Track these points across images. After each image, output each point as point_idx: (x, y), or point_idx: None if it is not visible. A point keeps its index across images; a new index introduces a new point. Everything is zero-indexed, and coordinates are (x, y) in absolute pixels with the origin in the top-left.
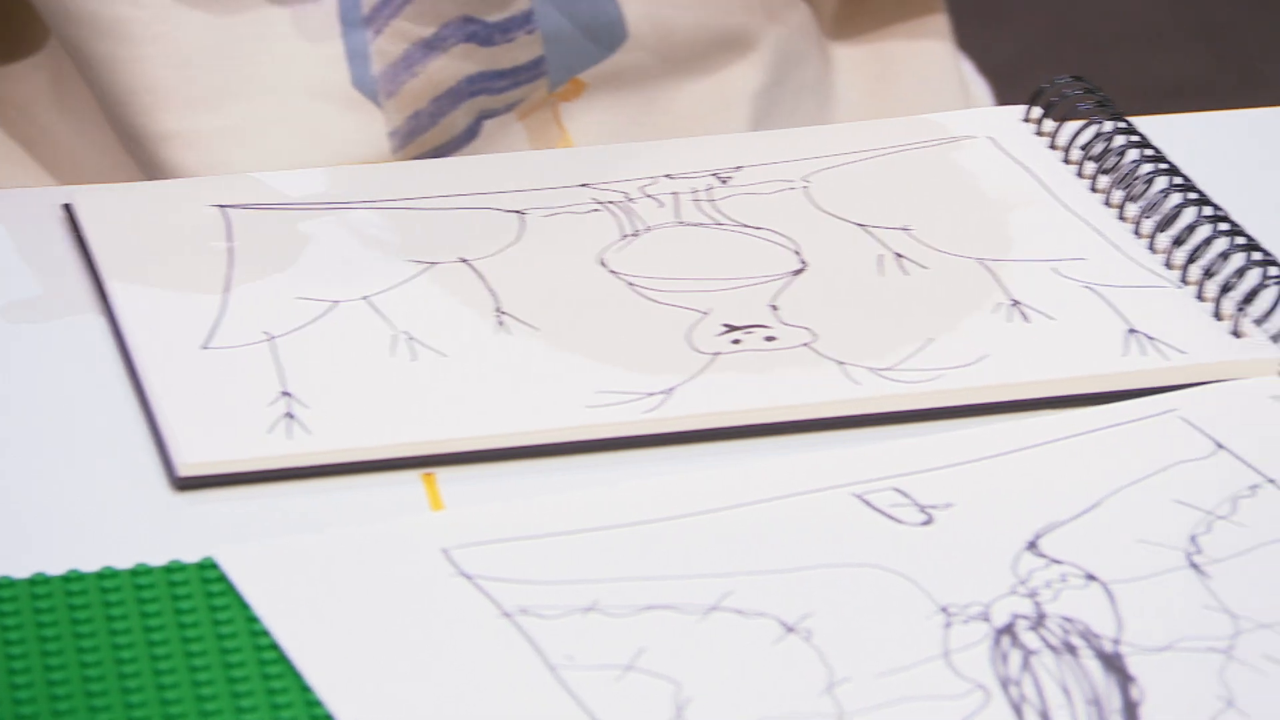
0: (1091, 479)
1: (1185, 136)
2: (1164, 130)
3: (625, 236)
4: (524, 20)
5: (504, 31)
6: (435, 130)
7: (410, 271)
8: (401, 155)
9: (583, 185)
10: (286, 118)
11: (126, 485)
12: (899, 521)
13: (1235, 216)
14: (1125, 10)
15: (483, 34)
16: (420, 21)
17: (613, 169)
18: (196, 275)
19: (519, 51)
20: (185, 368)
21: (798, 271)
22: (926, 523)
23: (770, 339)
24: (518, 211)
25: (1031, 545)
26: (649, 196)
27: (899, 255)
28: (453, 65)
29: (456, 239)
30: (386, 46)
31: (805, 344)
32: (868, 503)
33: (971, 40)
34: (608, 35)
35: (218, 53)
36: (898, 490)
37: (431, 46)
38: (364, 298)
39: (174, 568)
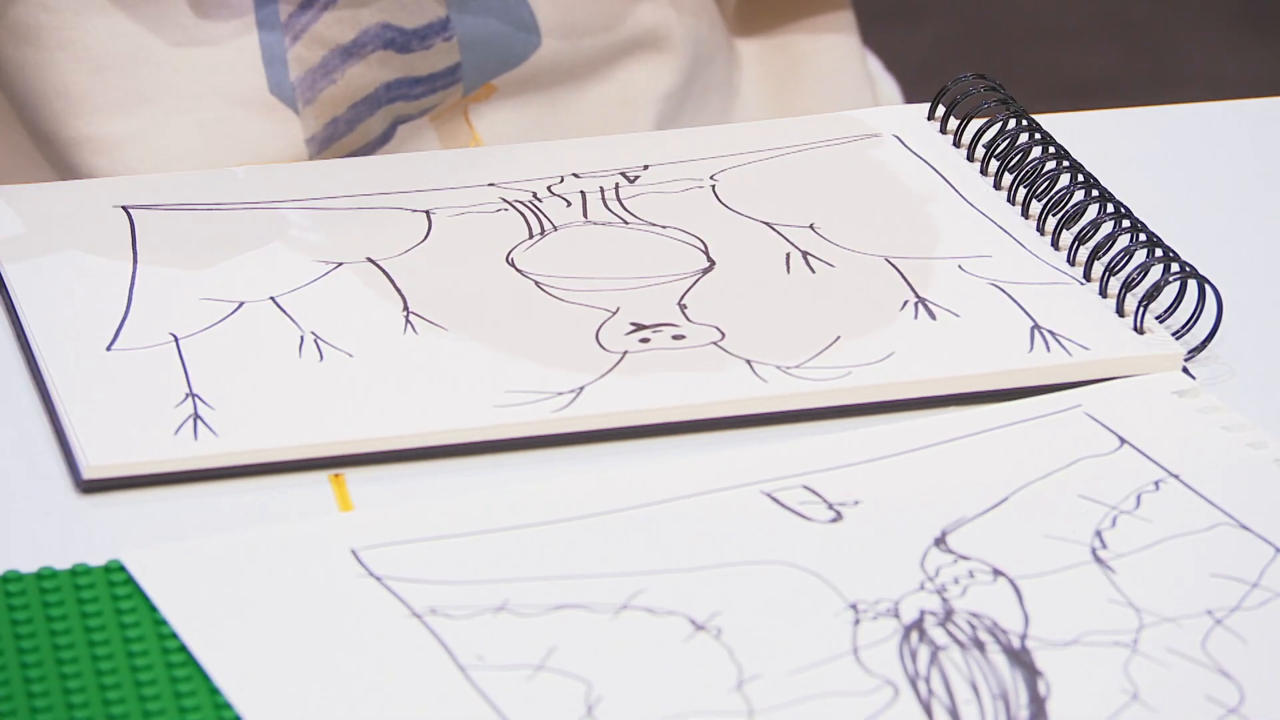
0: (998, 475)
1: (1091, 134)
2: (1070, 128)
3: (533, 236)
4: (441, 27)
5: (421, 39)
6: (351, 136)
7: (317, 271)
8: (318, 160)
9: (490, 185)
10: (202, 123)
11: (31, 487)
12: (808, 519)
13: (1139, 214)
14: (1037, 8)
15: (400, 41)
16: (339, 28)
17: (520, 168)
18: (100, 276)
19: (436, 58)
20: (89, 369)
21: (706, 270)
22: (835, 520)
23: (678, 337)
24: (425, 211)
25: (939, 541)
26: (556, 196)
27: (806, 253)
28: (371, 72)
29: (364, 239)
30: (304, 53)
31: (713, 342)
32: (777, 500)
33: (883, 40)
34: (522, 41)
35: (131, 58)
36: (806, 488)
37: (350, 53)
38: (270, 298)
39: (79, 571)
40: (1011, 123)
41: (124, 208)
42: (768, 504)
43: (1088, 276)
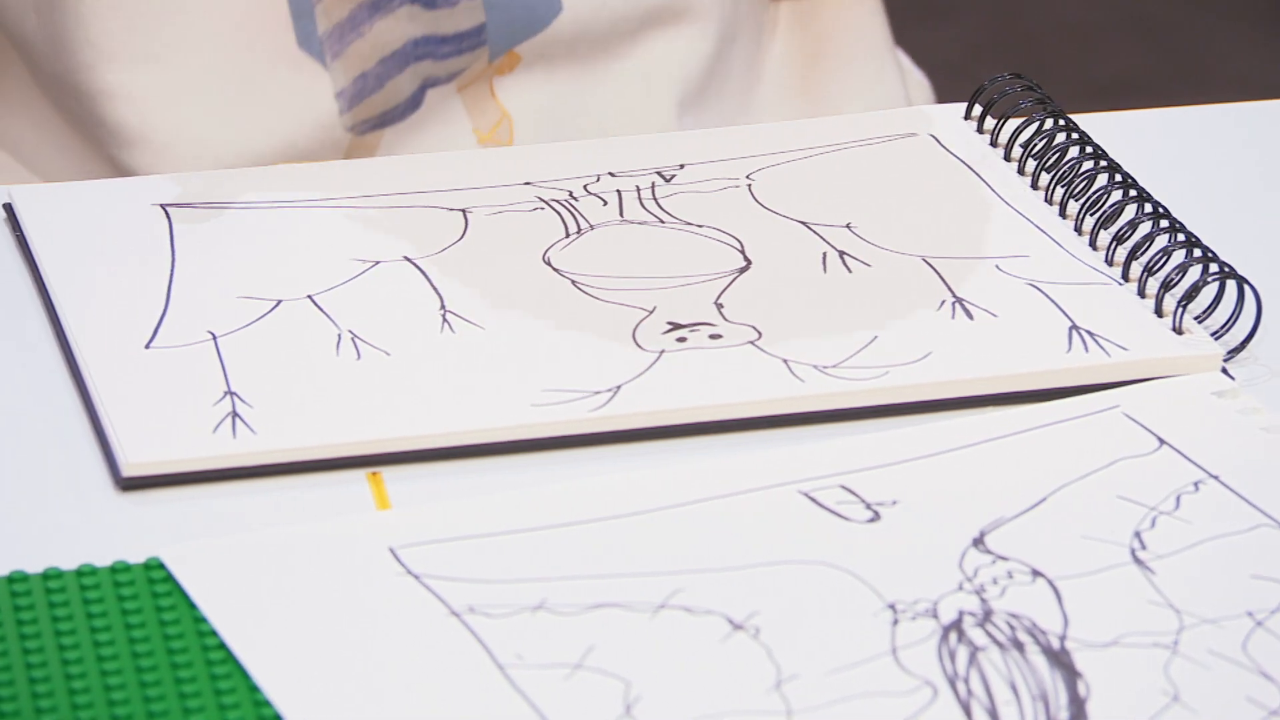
0: (1036, 476)
1: (1126, 134)
2: (1104, 127)
3: (569, 235)
4: None
5: None
6: (381, 94)
7: (354, 270)
8: (349, 118)
9: (526, 183)
10: (231, 76)
11: (71, 486)
12: (846, 519)
13: (1176, 213)
14: (1066, 8)
15: None
16: None
17: (556, 167)
18: (139, 274)
19: (461, 17)
20: (129, 367)
21: (742, 269)
22: (873, 520)
23: (715, 336)
24: (461, 210)
25: (978, 542)
26: (592, 195)
27: (842, 253)
28: (398, 27)
29: (401, 237)
30: (332, 7)
31: (750, 342)
32: (814, 500)
33: (911, 37)
34: (544, 4)
35: (162, 9)
36: (844, 488)
37: (377, 8)
38: (308, 296)
39: (119, 568)
40: (1049, 122)
41: (162, 206)
42: (805, 504)
43: (1126, 276)
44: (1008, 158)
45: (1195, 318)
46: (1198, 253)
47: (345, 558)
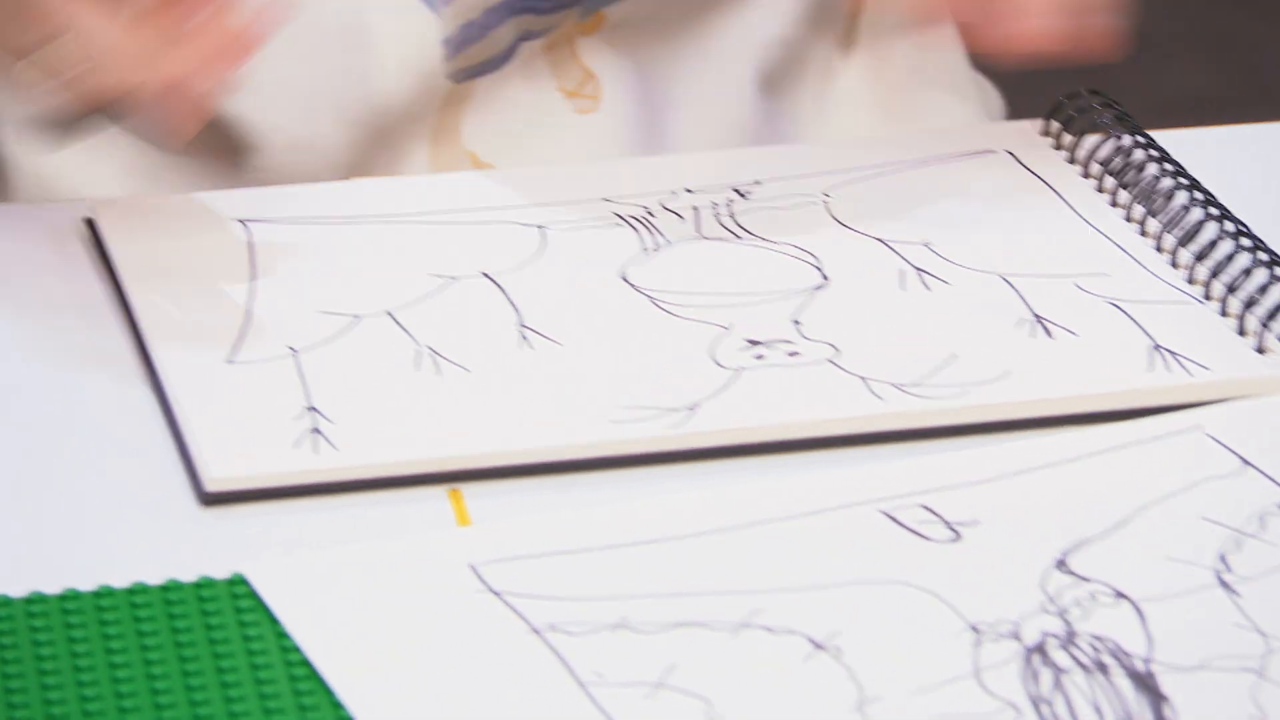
0: (1118, 496)
1: (1205, 151)
2: (1183, 144)
3: (646, 251)
4: None
5: None
6: (482, 44)
7: (432, 286)
8: (450, 65)
9: (603, 199)
10: (344, 22)
11: (154, 501)
12: (927, 538)
13: (1257, 231)
14: (1139, 22)
15: None
16: None
17: (633, 182)
18: (219, 290)
19: None
20: (210, 383)
21: (819, 286)
22: (954, 540)
23: (793, 354)
24: (538, 226)
25: (1060, 563)
26: (669, 211)
27: (920, 270)
28: None
29: (478, 253)
30: None
31: (828, 359)
32: (895, 519)
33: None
34: None
35: None
36: (925, 507)
37: None
38: (387, 312)
39: (204, 584)
40: (1126, 138)
41: (242, 220)
42: (886, 523)
43: (1207, 295)
44: (1086, 174)
45: (1278, 337)
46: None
47: (426, 574)
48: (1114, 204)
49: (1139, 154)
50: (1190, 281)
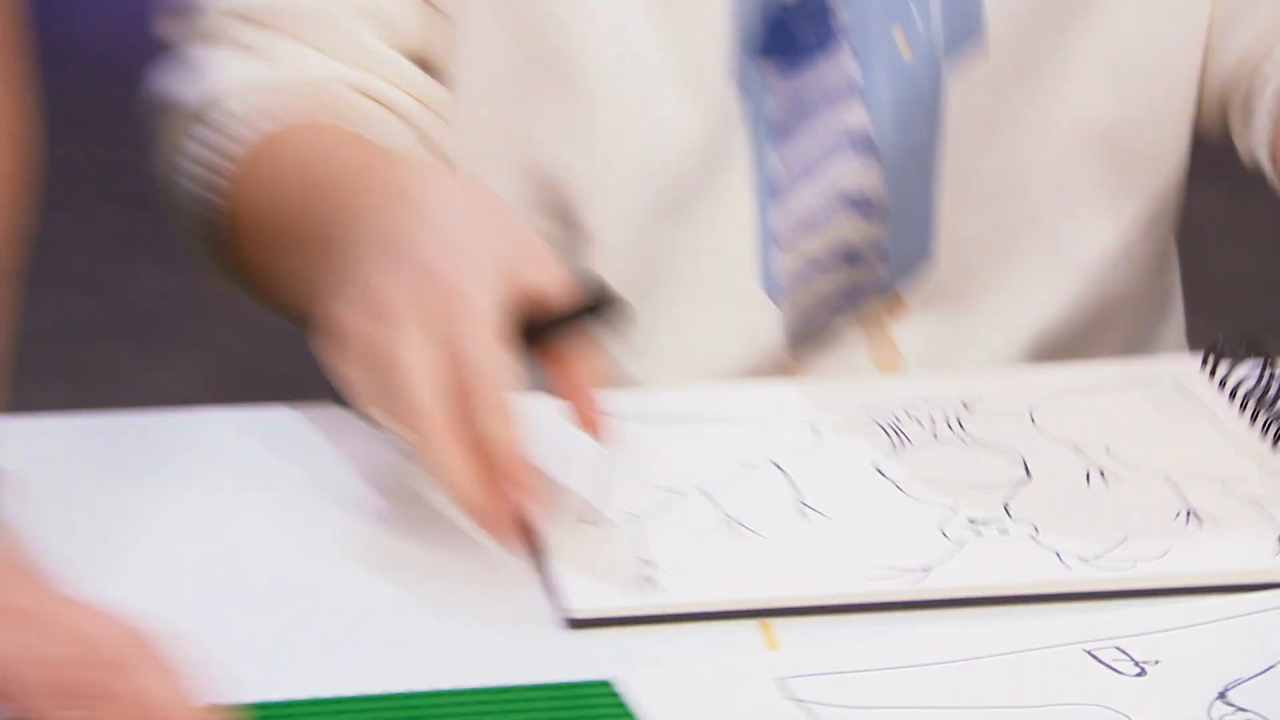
0: (1264, 646)
1: None
2: None
3: (894, 448)
4: (877, 246)
5: (863, 258)
6: (811, 330)
7: (735, 470)
8: (790, 352)
9: (860, 406)
10: (709, 310)
11: (523, 620)
12: (1120, 673)
13: None
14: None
15: (851, 257)
16: (816, 245)
17: (884, 395)
18: (584, 467)
19: (873, 272)
20: (571, 538)
21: (1024, 481)
22: (1140, 674)
23: (1003, 532)
24: (811, 425)
25: (1222, 695)
26: (911, 417)
27: (1102, 470)
28: (832, 281)
29: (768, 446)
30: (789, 263)
31: (1029, 536)
32: (1095, 657)
33: None
34: (925, 263)
35: (657, 246)
36: (1118, 649)
37: (822, 267)
38: (699, 489)
39: (565, 687)
40: (1267, 371)
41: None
42: (1088, 660)
43: None
44: (1232, 399)
45: None
46: None
47: (746, 687)
48: (1252, 423)
49: (1276, 386)
50: None
